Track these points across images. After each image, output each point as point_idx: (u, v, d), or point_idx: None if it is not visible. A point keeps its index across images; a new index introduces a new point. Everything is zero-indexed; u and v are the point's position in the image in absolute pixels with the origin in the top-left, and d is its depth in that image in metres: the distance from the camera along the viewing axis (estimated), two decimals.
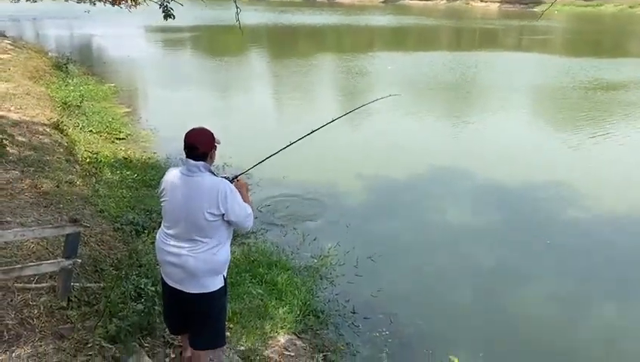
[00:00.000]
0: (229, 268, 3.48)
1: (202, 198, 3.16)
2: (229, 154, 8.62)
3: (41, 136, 7.91)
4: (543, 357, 4.77)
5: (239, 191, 3.51)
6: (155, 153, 9.70)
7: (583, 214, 7.69)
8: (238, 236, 6.16)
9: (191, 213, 3.17)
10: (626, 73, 19.10)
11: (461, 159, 9.81)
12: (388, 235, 6.93)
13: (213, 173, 3.28)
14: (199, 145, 3.21)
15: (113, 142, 10.17)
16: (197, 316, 3.41)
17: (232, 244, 5.82)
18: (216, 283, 3.32)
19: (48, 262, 4.01)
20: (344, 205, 7.83)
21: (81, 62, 19.47)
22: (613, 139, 11.47)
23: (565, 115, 14.11)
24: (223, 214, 3.18)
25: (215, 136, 3.33)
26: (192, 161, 3.21)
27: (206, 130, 3.31)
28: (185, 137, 3.24)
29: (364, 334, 4.88)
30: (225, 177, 3.64)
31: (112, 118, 11.65)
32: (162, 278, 3.46)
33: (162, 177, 3.41)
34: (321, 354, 4.49)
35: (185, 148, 3.24)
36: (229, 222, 3.24)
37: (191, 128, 3.28)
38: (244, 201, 3.37)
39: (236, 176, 3.66)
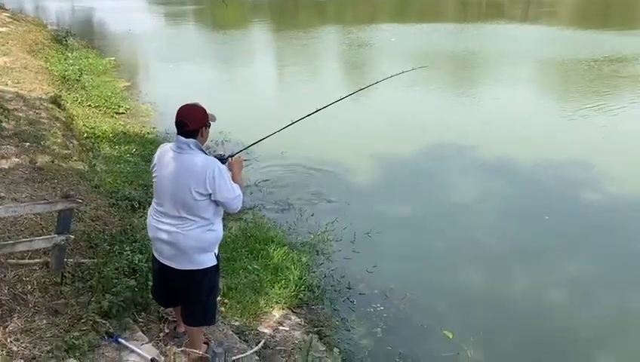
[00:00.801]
0: (221, 245, 3.46)
1: (190, 177, 3.11)
2: (229, 130, 8.57)
3: (38, 111, 7.86)
4: (540, 335, 4.74)
5: (232, 170, 3.46)
6: (154, 128, 9.65)
7: (589, 191, 7.59)
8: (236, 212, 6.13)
9: (178, 191, 3.13)
10: (636, 44, 18.70)
11: (465, 135, 9.65)
12: (387, 212, 6.89)
13: (203, 151, 3.22)
14: (188, 122, 3.14)
15: (112, 116, 10.10)
16: (187, 293, 3.41)
17: (229, 220, 5.88)
18: (207, 261, 3.30)
19: (41, 238, 4.01)
20: (343, 181, 7.77)
21: (81, 35, 19.25)
22: (623, 112, 11.25)
23: (577, 87, 13.84)
24: (211, 194, 3.13)
25: (209, 113, 3.24)
26: (182, 138, 3.15)
27: (198, 106, 3.22)
28: (176, 113, 3.18)
29: (359, 309, 4.88)
30: (221, 155, 3.59)
31: (112, 92, 11.56)
32: (153, 254, 3.46)
33: (155, 152, 3.37)
34: (315, 329, 4.50)
35: (175, 124, 3.18)
36: (216, 202, 3.20)
37: (183, 104, 3.21)
38: (236, 181, 3.31)
39: (233, 155, 3.60)
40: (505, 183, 7.86)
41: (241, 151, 4.47)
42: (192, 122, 3.14)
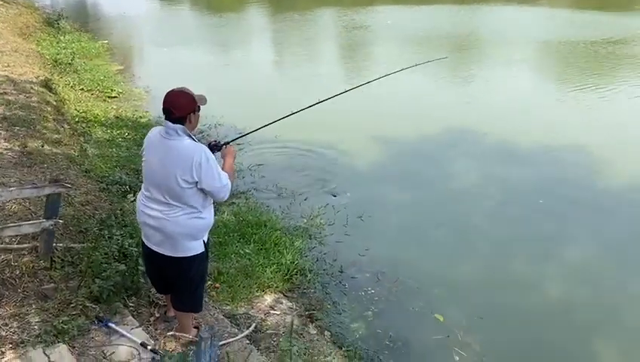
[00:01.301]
0: (212, 230, 3.43)
1: (177, 164, 3.06)
2: (223, 113, 8.51)
3: (28, 95, 7.77)
4: (533, 319, 4.75)
5: (224, 158, 3.42)
6: (147, 111, 9.56)
7: (585, 174, 7.56)
8: (229, 196, 6.09)
9: (165, 178, 3.09)
10: (634, 25, 18.54)
11: (462, 119, 9.59)
12: (380, 196, 6.87)
13: (192, 137, 3.16)
14: (174, 109, 3.08)
15: (105, 100, 10.01)
16: (175, 279, 3.39)
17: (221, 204, 5.86)
18: (194, 248, 3.26)
19: (29, 222, 3.98)
20: (338, 165, 7.72)
21: (73, 18, 18.96)
22: (622, 94, 11.20)
23: (575, 69, 13.74)
24: (197, 182, 3.08)
25: (198, 95, 3.18)
26: (170, 124, 3.09)
27: (185, 92, 3.15)
28: (163, 99, 3.12)
29: (350, 293, 4.88)
30: (217, 141, 3.55)
31: (104, 76, 11.44)
32: (142, 240, 3.43)
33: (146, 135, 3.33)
34: (307, 313, 4.51)
35: (162, 111, 3.13)
36: (203, 190, 3.15)
37: (170, 89, 3.15)
38: (225, 170, 3.26)
39: (228, 142, 3.57)
40: (500, 167, 7.82)
41: (237, 138, 4.45)
42: (178, 109, 3.08)
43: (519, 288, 5.15)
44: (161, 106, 3.13)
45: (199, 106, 3.20)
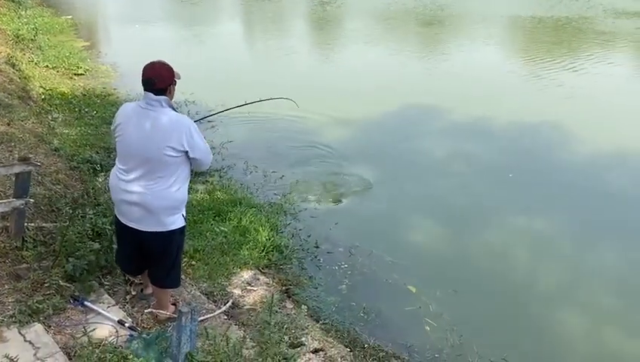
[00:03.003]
0: (187, 208, 3.44)
1: (163, 134, 3.07)
2: (191, 90, 8.39)
3: None
4: (502, 289, 4.91)
5: None
6: (115, 89, 9.38)
7: (554, 149, 7.77)
8: (201, 174, 6.08)
9: (149, 149, 3.08)
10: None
11: (433, 96, 9.69)
12: (351, 170, 6.95)
13: (174, 108, 3.20)
14: (156, 80, 3.10)
15: (71, 78, 9.76)
16: (155, 255, 3.39)
17: (194, 182, 5.83)
18: (175, 222, 3.28)
19: None
20: (309, 141, 7.75)
21: None
22: (589, 71, 11.47)
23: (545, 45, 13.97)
24: (187, 151, 3.11)
25: (175, 70, 3.21)
26: (152, 95, 3.10)
27: (165, 63, 3.20)
28: (142, 70, 3.13)
29: (324, 267, 4.95)
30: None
31: (70, 53, 11.13)
32: (117, 218, 3.40)
33: (116, 112, 3.30)
34: (284, 288, 4.56)
35: (142, 82, 3.13)
36: (190, 160, 3.18)
37: (149, 62, 3.16)
38: None
39: (200, 119, 3.58)
40: (470, 142, 7.99)
41: (207, 116, 4.43)
42: (160, 80, 3.12)
43: (490, 260, 5.31)
44: (139, 79, 3.14)
45: (176, 80, 3.23)
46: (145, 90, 3.13)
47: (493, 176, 6.95)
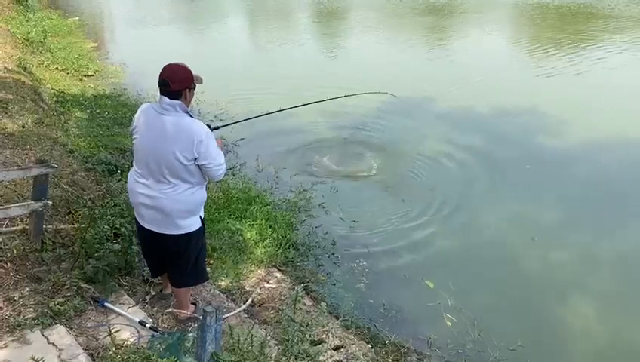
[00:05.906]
0: (204, 207, 3.42)
1: (176, 140, 3.01)
2: (202, 90, 8.34)
3: (3, 75, 7.53)
4: (517, 280, 4.87)
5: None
6: (125, 89, 9.36)
7: (558, 139, 7.70)
8: None
9: (163, 154, 3.03)
10: None
11: (438, 85, 9.64)
12: (362, 166, 6.93)
13: (189, 113, 3.10)
14: (171, 83, 3.01)
15: (81, 79, 9.79)
16: (174, 257, 3.37)
17: (210, 182, 5.81)
18: (192, 225, 3.25)
19: (17, 205, 3.89)
20: (321, 139, 7.73)
21: None
22: (592, 61, 11.36)
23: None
24: (196, 158, 3.04)
25: (195, 74, 3.12)
26: (166, 99, 3.03)
27: (183, 66, 3.10)
28: (160, 71, 3.05)
29: (343, 264, 4.93)
30: (207, 125, 3.50)
31: (79, 54, 11.17)
32: (136, 220, 3.39)
33: (135, 113, 3.24)
34: (301, 285, 4.54)
35: (158, 83, 3.06)
36: (201, 168, 3.11)
37: (168, 63, 3.08)
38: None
39: (218, 127, 3.54)
40: (476, 134, 7.92)
41: (227, 125, 4.42)
42: (175, 82, 3.02)
43: (503, 251, 5.27)
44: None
45: (195, 84, 3.15)
46: (160, 92, 3.05)
47: (506, 168, 6.89)
